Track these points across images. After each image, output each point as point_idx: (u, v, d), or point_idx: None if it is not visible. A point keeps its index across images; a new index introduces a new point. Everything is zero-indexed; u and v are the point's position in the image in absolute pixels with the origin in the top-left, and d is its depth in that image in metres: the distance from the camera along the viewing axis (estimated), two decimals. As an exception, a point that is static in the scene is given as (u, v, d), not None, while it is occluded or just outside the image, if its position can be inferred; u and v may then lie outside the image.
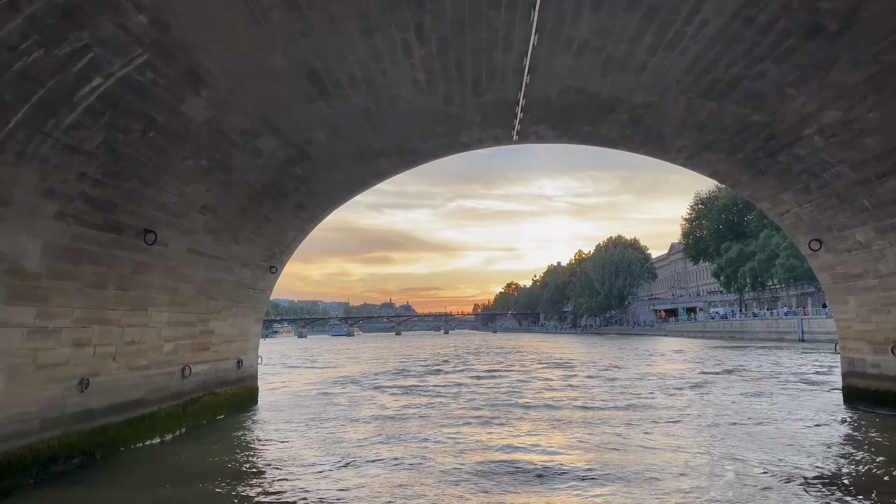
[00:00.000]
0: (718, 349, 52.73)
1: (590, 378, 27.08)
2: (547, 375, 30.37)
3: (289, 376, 33.96)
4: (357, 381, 29.75)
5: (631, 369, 34.26)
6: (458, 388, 24.77)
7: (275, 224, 16.20)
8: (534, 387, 24.89)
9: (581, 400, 20.08)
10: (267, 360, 53.09)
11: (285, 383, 28.81)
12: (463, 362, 44.21)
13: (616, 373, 31.55)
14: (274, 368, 42.04)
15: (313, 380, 30.79)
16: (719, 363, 37.01)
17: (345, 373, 36.19)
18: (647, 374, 30.34)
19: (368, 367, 41.71)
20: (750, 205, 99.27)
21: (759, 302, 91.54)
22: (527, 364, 40.21)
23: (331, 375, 34.03)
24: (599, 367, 34.90)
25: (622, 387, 24.05)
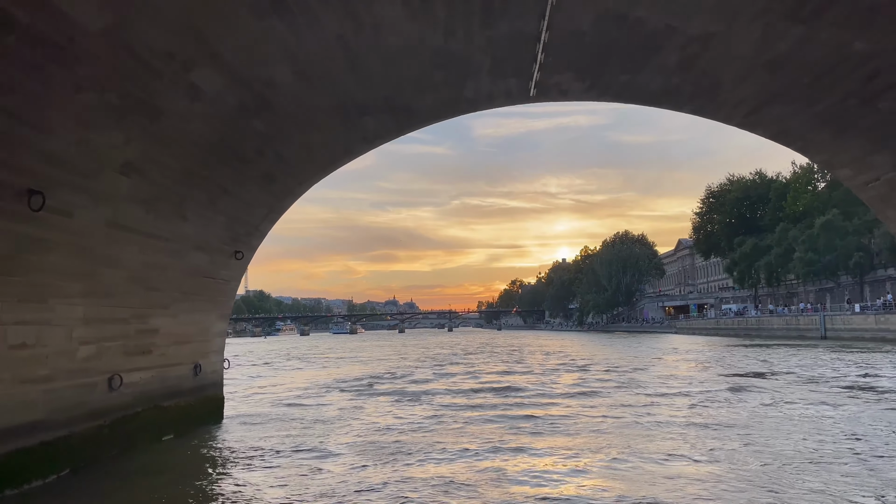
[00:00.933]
0: (738, 348, 49.53)
1: (614, 385, 23.90)
2: (564, 380, 27.27)
3: (275, 380, 30.91)
4: (351, 385, 26.69)
5: (652, 369, 31.14)
6: (463, 396, 21.66)
7: (236, 198, 13.12)
8: (552, 393, 21.79)
9: (613, 414, 16.92)
10: (257, 361, 50.14)
11: (268, 389, 25.73)
12: (468, 363, 41.15)
13: (640, 375, 28.42)
14: (262, 370, 39.02)
15: (301, 384, 27.72)
16: (750, 364, 33.85)
17: (339, 375, 33.13)
18: (675, 376, 27.24)
19: (366, 368, 38.66)
20: (763, 198, 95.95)
21: (773, 298, 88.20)
22: (537, 365, 37.11)
23: (323, 378, 30.97)
24: (619, 370, 31.76)
25: (657, 395, 20.91)
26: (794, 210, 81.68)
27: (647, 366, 34.26)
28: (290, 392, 24.19)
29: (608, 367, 33.09)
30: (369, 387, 25.25)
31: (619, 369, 31.49)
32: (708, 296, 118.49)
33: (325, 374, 34.72)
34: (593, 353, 47.74)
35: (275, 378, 31.79)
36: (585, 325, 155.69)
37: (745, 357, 38.83)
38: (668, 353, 46.13)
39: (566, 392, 21.90)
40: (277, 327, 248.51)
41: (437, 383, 25.96)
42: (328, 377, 31.49)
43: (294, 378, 32.03)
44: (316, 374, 34.57)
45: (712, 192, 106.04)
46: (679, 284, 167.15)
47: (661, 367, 33.01)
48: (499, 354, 50.90)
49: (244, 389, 25.00)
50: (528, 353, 52.42)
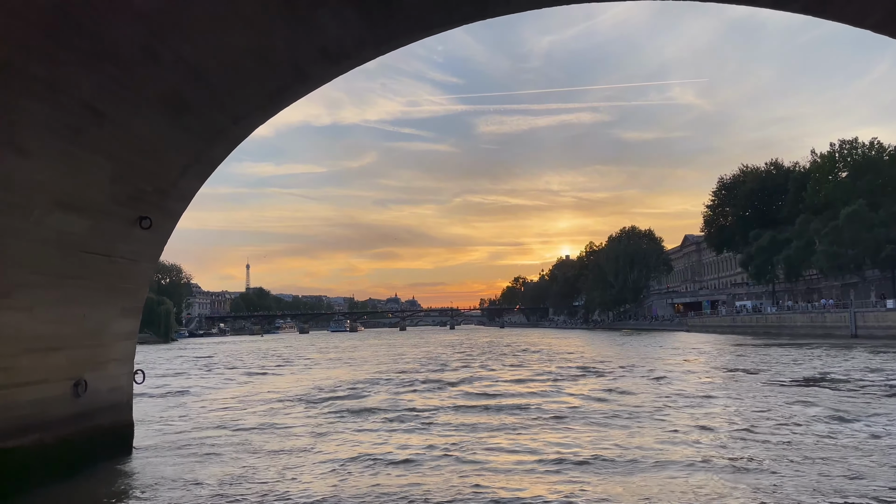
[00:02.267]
0: (765, 348, 45.02)
1: (654, 402, 19.41)
2: (583, 390, 22.89)
3: (245, 389, 26.49)
4: (330, 396, 22.28)
5: (688, 378, 26.73)
6: (467, 414, 17.22)
7: (124, 130, 8.70)
8: (576, 411, 17.36)
9: (682, 458, 12.40)
10: (237, 363, 45.50)
11: (226, 404, 21.27)
12: (471, 367, 36.76)
13: (678, 384, 23.99)
14: (236, 376, 34.68)
15: (271, 395, 23.30)
16: (795, 369, 29.38)
17: (322, 381, 28.75)
18: (723, 388, 22.84)
19: (356, 372, 34.28)
20: (780, 188, 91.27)
21: (791, 294, 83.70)
22: (549, 368, 32.69)
23: (300, 387, 26.58)
24: (649, 378, 27.30)
25: (722, 418, 16.48)
26: (814, 201, 77.08)
27: (676, 372, 29.84)
28: (249, 408, 19.79)
29: (635, 374, 28.65)
30: (350, 400, 20.78)
31: (649, 377, 27.03)
32: (720, 292, 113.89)
33: (307, 379, 30.32)
34: (609, 355, 43.32)
35: (245, 387, 27.38)
36: (591, 322, 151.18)
37: (783, 360, 34.35)
38: (691, 354, 41.67)
39: (598, 410, 17.46)
40: (277, 325, 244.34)
41: (435, 396, 21.47)
42: (307, 384, 27.06)
43: (266, 386, 27.64)
44: (297, 380, 30.20)
45: (725, 183, 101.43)
46: (685, 281, 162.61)
47: (695, 374, 28.59)
48: (506, 356, 46.49)
49: (196, 406, 20.62)
50: (539, 354, 48.02)
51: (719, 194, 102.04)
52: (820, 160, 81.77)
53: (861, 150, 76.45)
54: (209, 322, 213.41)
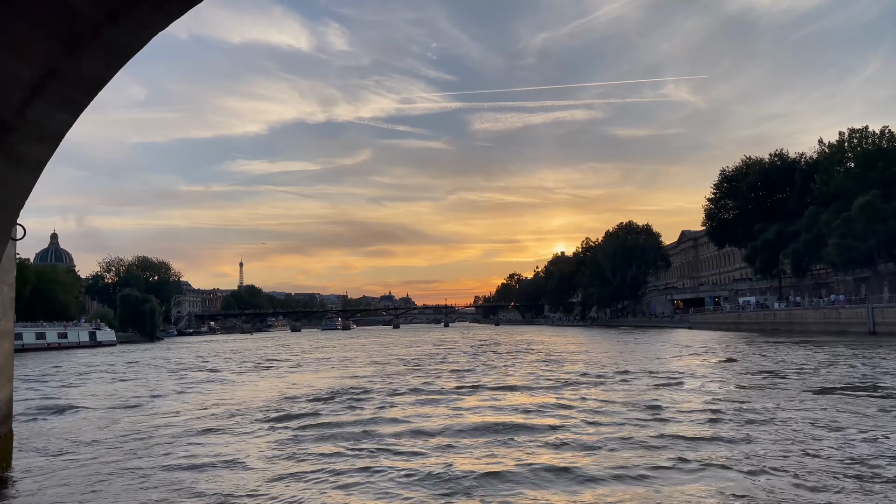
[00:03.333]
0: (781, 346, 41.68)
1: (686, 418, 15.92)
2: (594, 404, 19.49)
3: (197, 399, 22.94)
4: (293, 409, 18.80)
5: (708, 383, 23.35)
6: (458, 440, 13.71)
7: None
8: (600, 438, 13.93)
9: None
10: (211, 366, 41.58)
11: (168, 418, 17.76)
12: (465, 369, 33.36)
13: (706, 387, 20.60)
14: (200, 381, 31.17)
15: (224, 408, 19.77)
16: (832, 372, 26.03)
17: (291, 389, 25.27)
18: (758, 395, 19.47)
19: (333, 378, 30.84)
20: (787, 180, 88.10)
21: (798, 289, 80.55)
22: (553, 373, 29.28)
23: (266, 395, 23.11)
24: (668, 384, 23.92)
25: (783, 442, 13.08)
26: (823, 192, 73.89)
27: (699, 375, 26.46)
28: (192, 423, 16.28)
29: (657, 382, 25.24)
30: (316, 416, 17.10)
31: (676, 386, 23.61)
32: (721, 288, 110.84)
33: (277, 386, 26.81)
34: (615, 356, 39.97)
35: (204, 395, 23.85)
36: (588, 319, 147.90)
37: (809, 361, 31.00)
38: (705, 354, 38.31)
39: (629, 436, 14.00)
40: (269, 323, 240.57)
41: (419, 411, 17.93)
42: (274, 393, 23.55)
43: (228, 394, 24.13)
44: (267, 387, 26.71)
45: (727, 175, 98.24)
46: (682, 278, 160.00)
47: (723, 380, 25.21)
48: (500, 355, 43.09)
49: (129, 420, 17.12)
50: (538, 354, 44.64)
51: (721, 187, 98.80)
52: (828, 150, 78.64)
53: (872, 139, 73.37)
54: (199, 320, 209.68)
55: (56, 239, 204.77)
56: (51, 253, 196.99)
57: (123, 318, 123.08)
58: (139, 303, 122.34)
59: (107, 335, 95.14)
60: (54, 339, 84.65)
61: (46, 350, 78.32)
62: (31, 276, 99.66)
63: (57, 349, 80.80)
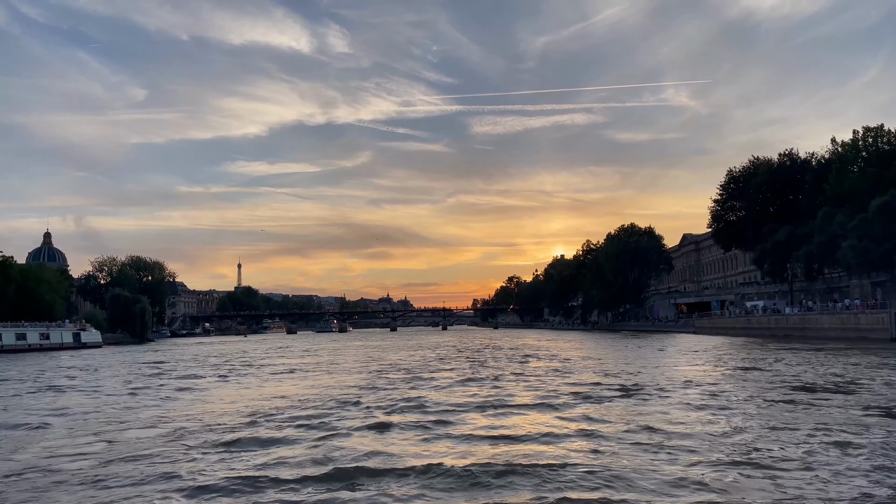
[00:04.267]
0: (798, 353, 38.65)
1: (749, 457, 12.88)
2: (623, 430, 16.51)
3: (151, 413, 19.91)
4: (244, 433, 15.80)
5: (732, 392, 20.35)
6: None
7: None
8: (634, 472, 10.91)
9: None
10: (189, 370, 37.72)
11: (87, 442, 14.73)
12: (464, 378, 30.36)
13: (752, 421, 17.62)
14: (168, 389, 28.14)
15: (172, 427, 16.75)
16: (879, 383, 23.02)
17: (258, 402, 22.27)
18: (811, 422, 16.49)
19: (314, 388, 27.88)
20: (797, 181, 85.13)
21: (809, 293, 77.49)
22: (566, 385, 26.27)
23: (232, 409, 20.10)
24: (698, 402, 20.94)
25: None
26: (837, 193, 70.93)
27: (719, 387, 23.47)
28: (121, 446, 13.27)
29: (674, 395, 22.23)
30: (268, 447, 13.81)
31: (697, 400, 20.63)
32: (727, 292, 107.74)
33: (250, 397, 23.79)
34: (626, 364, 36.98)
35: (161, 408, 20.81)
36: (589, 323, 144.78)
37: (843, 370, 27.99)
38: (719, 362, 35.30)
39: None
40: (265, 325, 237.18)
41: (398, 441, 14.82)
42: (242, 406, 20.53)
43: (191, 407, 21.11)
44: (237, 396, 23.70)
45: (734, 176, 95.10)
46: (683, 281, 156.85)
47: (750, 393, 22.21)
48: (502, 361, 40.05)
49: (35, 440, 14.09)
50: (546, 362, 41.65)
51: (727, 188, 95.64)
52: (841, 149, 75.70)
53: (887, 137, 70.45)
54: (194, 322, 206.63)
55: (49, 238, 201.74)
56: (44, 252, 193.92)
57: (113, 319, 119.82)
58: (130, 303, 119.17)
59: (92, 336, 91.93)
60: (36, 340, 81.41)
61: (27, 352, 75.10)
62: (15, 275, 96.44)
63: (38, 350, 77.57)
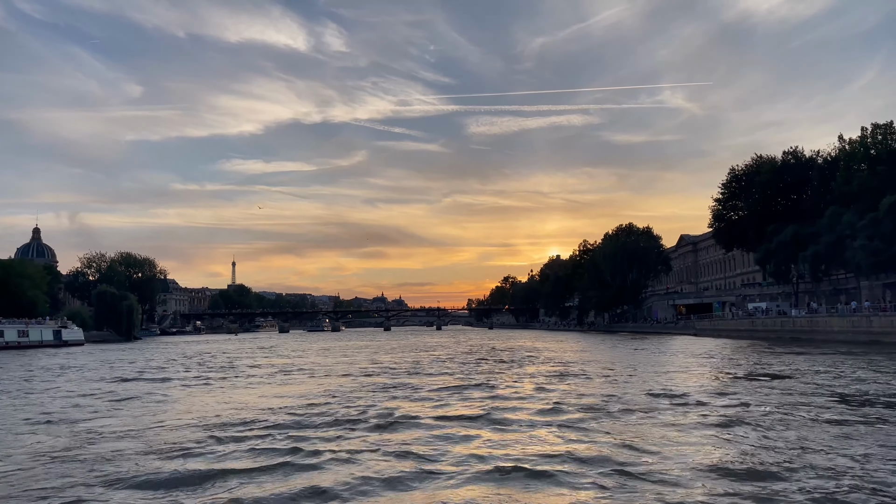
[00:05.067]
0: (813, 357, 36.10)
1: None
2: (641, 456, 13.89)
3: (77, 428, 17.28)
4: (158, 466, 13.18)
5: (772, 401, 17.78)
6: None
7: None
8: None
9: None
10: (161, 373, 34.43)
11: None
12: (457, 385, 27.77)
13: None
14: (118, 393, 25.51)
15: (99, 449, 14.14)
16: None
17: (223, 412, 19.65)
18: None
19: (288, 395, 25.28)
20: (802, 179, 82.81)
21: (814, 295, 75.13)
22: (573, 396, 23.69)
23: (185, 422, 17.47)
24: (725, 420, 18.36)
25: None
26: (844, 191, 68.60)
27: (743, 399, 20.91)
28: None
29: (698, 411, 19.67)
30: (215, 484, 11.09)
31: (724, 417, 18.07)
32: (728, 293, 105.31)
33: (213, 408, 21.17)
34: (632, 369, 34.41)
35: (99, 420, 18.18)
36: (586, 324, 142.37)
37: (874, 379, 25.45)
38: (733, 367, 32.75)
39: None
40: (257, 324, 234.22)
41: (365, 476, 12.16)
42: (192, 419, 17.92)
43: (135, 420, 18.47)
44: (199, 406, 21.08)
45: (736, 174, 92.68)
46: (681, 283, 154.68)
47: (786, 409, 19.66)
48: (498, 364, 37.45)
49: None
50: (542, 365, 39.09)
51: (729, 186, 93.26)
52: (849, 147, 73.40)
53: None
54: (185, 320, 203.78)
55: (38, 234, 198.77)
56: (32, 248, 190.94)
57: (99, 317, 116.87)
58: (116, 300, 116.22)
59: (73, 334, 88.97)
60: (14, 337, 78.40)
61: (3, 349, 72.16)
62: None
63: (16, 349, 74.62)
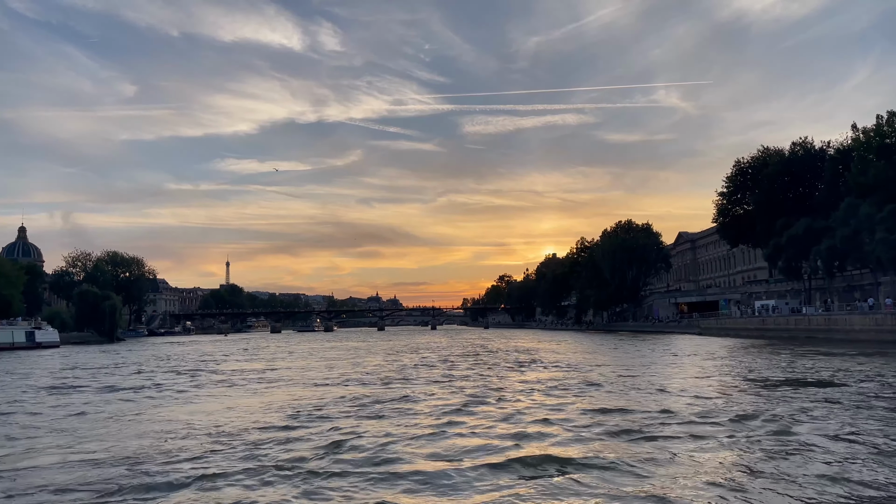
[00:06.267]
0: (844, 358, 32.37)
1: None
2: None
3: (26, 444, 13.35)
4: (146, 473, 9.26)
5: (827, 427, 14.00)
6: None
7: None
8: None
9: None
10: (120, 379, 30.83)
11: None
12: (450, 405, 23.95)
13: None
14: (64, 405, 21.60)
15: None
16: None
17: (169, 432, 15.78)
18: None
19: (248, 413, 21.48)
20: (813, 171, 79.25)
21: (826, 292, 71.54)
22: (588, 414, 19.88)
23: (120, 444, 13.60)
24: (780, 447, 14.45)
25: None
26: (860, 182, 65.01)
27: (795, 419, 17.13)
28: None
29: (749, 434, 15.83)
30: None
31: (779, 444, 14.22)
32: (732, 290, 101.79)
33: (163, 425, 17.30)
34: (642, 374, 30.62)
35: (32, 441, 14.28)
36: (584, 323, 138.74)
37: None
38: (755, 370, 28.98)
39: None
40: (249, 324, 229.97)
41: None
42: (126, 444, 14.07)
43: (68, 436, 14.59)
44: (146, 421, 17.20)
45: (742, 167, 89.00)
46: (680, 280, 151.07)
47: (866, 440, 15.86)
48: (495, 369, 33.62)
49: None
50: (545, 371, 35.32)
51: (735, 180, 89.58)
52: (863, 136, 69.81)
53: (916, 122, 64.64)
54: (175, 320, 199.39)
55: (24, 233, 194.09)
56: (18, 247, 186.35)
57: (80, 317, 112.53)
58: (98, 300, 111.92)
59: (48, 335, 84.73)
60: (-19, 339, 74.36)
61: (-30, 352, 68.26)
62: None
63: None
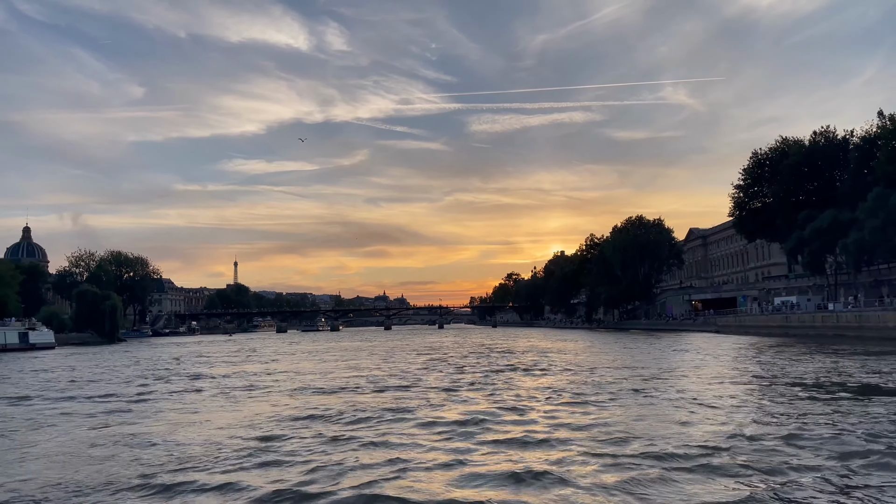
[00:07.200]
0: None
1: None
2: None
3: None
4: None
5: None
6: None
7: None
8: None
9: None
10: (104, 387, 28.33)
11: None
12: (459, 425, 20.97)
13: None
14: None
15: None
16: None
17: (136, 451, 12.86)
18: None
19: (208, 428, 18.54)
20: (836, 161, 75.92)
21: (852, 287, 68.20)
22: (632, 442, 16.87)
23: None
24: None
25: None
26: (888, 171, 61.76)
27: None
28: None
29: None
30: None
31: None
32: (749, 287, 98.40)
33: (139, 439, 14.43)
34: (676, 380, 27.60)
35: None
36: (594, 321, 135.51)
37: None
38: (811, 374, 25.90)
39: None
40: (255, 324, 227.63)
41: None
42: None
43: None
44: (123, 436, 14.34)
45: (759, 158, 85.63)
46: (691, 277, 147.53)
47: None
48: (507, 374, 30.62)
49: None
50: (564, 375, 32.32)
51: (752, 172, 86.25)
52: (891, 124, 66.49)
53: (947, 108, 61.35)
54: (180, 320, 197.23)
55: (28, 233, 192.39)
56: (22, 248, 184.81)
57: (80, 318, 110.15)
58: (98, 300, 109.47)
59: (42, 336, 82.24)
60: (-28, 340, 71.89)
61: (-40, 354, 65.76)
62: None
63: (-24, 353, 68.19)
